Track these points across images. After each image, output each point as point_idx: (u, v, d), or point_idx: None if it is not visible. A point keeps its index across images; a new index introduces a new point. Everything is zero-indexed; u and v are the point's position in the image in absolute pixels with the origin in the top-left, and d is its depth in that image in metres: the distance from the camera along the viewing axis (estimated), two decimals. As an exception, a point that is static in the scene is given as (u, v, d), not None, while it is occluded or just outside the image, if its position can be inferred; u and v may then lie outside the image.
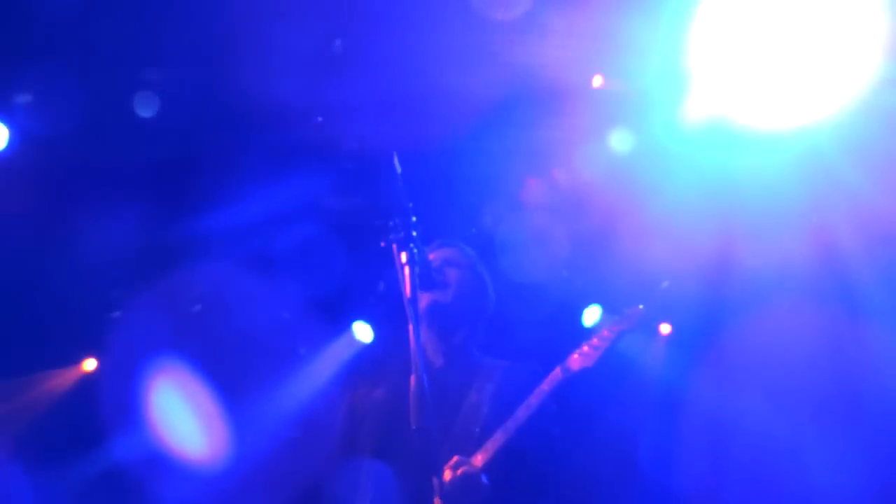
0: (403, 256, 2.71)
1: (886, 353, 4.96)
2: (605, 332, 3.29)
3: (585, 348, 3.24)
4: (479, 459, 3.02)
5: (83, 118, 4.43)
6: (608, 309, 5.73)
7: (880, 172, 4.35)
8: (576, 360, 3.21)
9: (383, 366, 3.49)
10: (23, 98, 4.37)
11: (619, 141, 4.80)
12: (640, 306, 3.31)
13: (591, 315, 5.79)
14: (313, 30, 4.25)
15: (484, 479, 2.98)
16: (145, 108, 4.55)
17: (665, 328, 6.02)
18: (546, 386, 3.15)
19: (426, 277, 2.76)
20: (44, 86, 4.32)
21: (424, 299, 3.04)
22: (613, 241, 5.15)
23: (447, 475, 2.93)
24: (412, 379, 2.55)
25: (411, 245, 2.71)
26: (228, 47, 4.15)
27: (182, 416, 5.79)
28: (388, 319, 5.69)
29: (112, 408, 5.61)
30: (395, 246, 2.73)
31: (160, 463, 5.62)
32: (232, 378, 5.81)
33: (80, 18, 3.99)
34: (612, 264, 5.28)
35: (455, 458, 3.00)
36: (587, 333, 3.32)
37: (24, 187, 4.71)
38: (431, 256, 3.10)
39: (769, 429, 5.41)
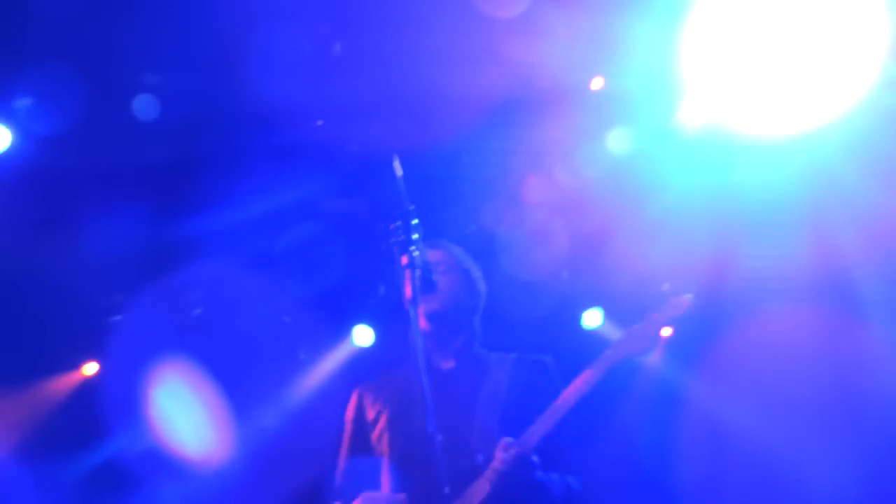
0: (404, 259, 2.72)
1: (886, 354, 4.96)
2: (654, 317, 3.23)
3: (630, 333, 3.20)
4: (529, 442, 3.03)
5: (84, 120, 4.43)
6: (608, 310, 5.74)
7: (879, 173, 4.35)
8: (623, 345, 3.18)
9: (385, 368, 3.50)
10: (24, 100, 4.37)
11: (619, 141, 4.81)
12: (688, 295, 3.26)
13: (591, 318, 5.80)
14: (313, 31, 4.26)
15: (535, 458, 3.00)
16: (146, 109, 4.54)
17: (665, 330, 6.00)
18: (595, 373, 3.14)
19: (427, 280, 2.76)
20: (45, 88, 4.32)
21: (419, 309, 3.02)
22: (613, 241, 5.15)
23: (498, 456, 2.95)
24: (415, 381, 2.55)
25: (412, 248, 2.72)
26: (229, 49, 4.15)
27: (183, 420, 5.79)
28: (389, 322, 5.70)
29: (113, 411, 5.61)
30: (395, 248, 2.74)
31: (162, 465, 5.61)
32: (233, 381, 5.81)
33: (81, 19, 3.98)
34: (612, 264, 5.28)
35: (505, 440, 3.00)
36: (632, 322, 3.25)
37: (26, 189, 4.71)
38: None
39: (769, 430, 5.41)
